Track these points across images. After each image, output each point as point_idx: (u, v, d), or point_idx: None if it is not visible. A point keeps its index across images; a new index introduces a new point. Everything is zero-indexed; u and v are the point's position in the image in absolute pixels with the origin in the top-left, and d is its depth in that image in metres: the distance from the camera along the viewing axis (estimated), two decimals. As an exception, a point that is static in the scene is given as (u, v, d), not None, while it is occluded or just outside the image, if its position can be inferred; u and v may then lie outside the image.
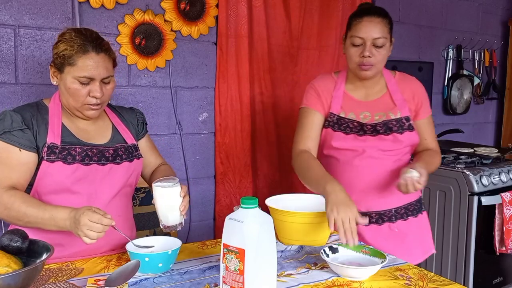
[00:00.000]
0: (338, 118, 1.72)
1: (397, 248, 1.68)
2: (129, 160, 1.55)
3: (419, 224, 1.80)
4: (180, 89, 2.37)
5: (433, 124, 1.83)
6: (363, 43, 1.64)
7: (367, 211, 1.71)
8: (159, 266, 1.30)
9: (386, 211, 1.73)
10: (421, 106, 1.76)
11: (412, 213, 1.77)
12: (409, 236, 1.75)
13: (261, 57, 2.54)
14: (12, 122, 1.39)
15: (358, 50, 1.65)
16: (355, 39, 1.65)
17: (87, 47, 1.40)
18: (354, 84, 1.77)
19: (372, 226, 1.72)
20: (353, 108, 1.73)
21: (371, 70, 1.67)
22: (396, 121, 1.70)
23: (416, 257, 1.74)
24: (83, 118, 1.50)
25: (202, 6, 2.33)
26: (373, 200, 1.71)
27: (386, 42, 1.65)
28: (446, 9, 3.38)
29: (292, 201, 1.64)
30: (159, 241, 1.42)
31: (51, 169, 1.40)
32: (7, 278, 0.98)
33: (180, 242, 1.39)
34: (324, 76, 1.83)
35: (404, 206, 1.76)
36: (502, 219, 2.51)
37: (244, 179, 2.55)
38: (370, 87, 1.76)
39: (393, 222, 1.73)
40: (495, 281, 2.71)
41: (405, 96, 1.75)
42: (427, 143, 1.79)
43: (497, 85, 3.78)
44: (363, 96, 1.76)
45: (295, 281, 1.27)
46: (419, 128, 1.77)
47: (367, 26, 1.63)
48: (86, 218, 1.26)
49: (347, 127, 1.70)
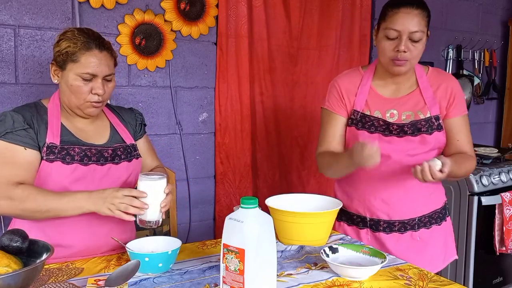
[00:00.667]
0: (362, 115, 1.63)
1: (418, 256, 1.62)
2: (128, 160, 1.55)
3: (442, 232, 1.71)
4: (180, 89, 2.37)
5: (468, 125, 1.66)
6: (398, 36, 1.51)
7: (390, 219, 1.64)
8: (159, 266, 1.30)
9: (410, 220, 1.64)
10: (453, 103, 1.62)
11: (436, 221, 1.69)
12: (431, 244, 1.67)
13: (261, 57, 2.54)
14: (14, 122, 1.39)
15: (393, 44, 1.53)
16: (390, 31, 1.52)
17: (90, 45, 1.41)
18: (383, 79, 1.65)
19: (395, 235, 1.65)
20: (379, 105, 1.63)
21: (405, 66, 1.55)
22: (425, 121, 1.59)
23: (437, 265, 1.67)
24: (83, 116, 1.50)
25: (202, 6, 2.33)
26: (396, 208, 1.63)
27: (423, 36, 1.53)
28: (446, 9, 3.38)
29: (292, 201, 1.64)
30: (159, 241, 1.42)
31: (50, 169, 1.40)
32: (7, 278, 0.98)
33: (180, 242, 1.39)
34: (350, 72, 1.72)
35: (429, 215, 1.67)
36: (502, 219, 2.51)
37: (244, 179, 2.55)
38: (401, 83, 1.64)
39: (415, 230, 1.65)
40: (495, 281, 2.71)
41: (437, 93, 1.62)
42: (460, 144, 1.62)
43: (497, 85, 3.78)
44: (391, 92, 1.65)
45: (295, 281, 1.27)
46: (451, 128, 1.62)
47: (404, 18, 1.50)
48: (120, 192, 1.33)
49: (371, 126, 1.61)
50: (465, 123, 1.65)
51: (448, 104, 1.62)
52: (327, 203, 1.61)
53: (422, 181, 1.43)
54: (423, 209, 1.66)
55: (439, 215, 1.70)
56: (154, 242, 1.41)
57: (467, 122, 1.66)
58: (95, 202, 1.34)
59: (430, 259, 1.65)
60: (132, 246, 1.35)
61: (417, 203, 1.64)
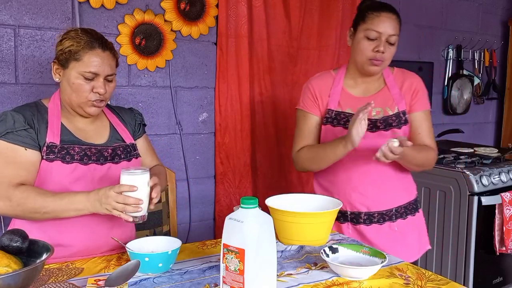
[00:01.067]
0: (337, 113, 1.73)
1: (397, 247, 1.71)
2: (128, 159, 1.55)
3: (417, 222, 1.82)
4: (180, 89, 2.37)
5: (430, 120, 1.78)
6: (378, 38, 1.63)
7: (369, 211, 1.73)
8: (159, 266, 1.30)
9: (387, 210, 1.74)
10: (416, 97, 1.74)
11: (411, 212, 1.79)
12: (408, 234, 1.77)
13: (261, 57, 2.54)
14: (14, 122, 1.40)
15: (373, 44, 1.64)
16: (371, 32, 1.63)
17: (93, 44, 1.42)
18: (353, 79, 1.77)
19: (374, 226, 1.74)
20: (350, 104, 1.73)
21: (380, 66, 1.67)
22: (395, 116, 1.71)
23: (413, 255, 1.77)
24: (83, 115, 1.50)
25: (202, 6, 2.33)
26: (375, 199, 1.73)
27: (397, 40, 1.67)
28: (446, 9, 3.38)
29: (292, 201, 1.64)
30: (159, 241, 1.42)
31: (50, 168, 1.41)
32: (7, 278, 0.98)
33: (180, 242, 1.39)
34: (322, 75, 1.83)
35: (404, 206, 1.77)
36: (502, 219, 2.51)
37: (244, 179, 2.55)
38: (370, 82, 1.76)
39: (393, 221, 1.75)
40: (495, 281, 2.71)
41: (402, 89, 1.75)
42: (421, 137, 1.74)
43: (497, 85, 3.78)
44: (361, 92, 1.76)
45: (295, 281, 1.27)
46: (413, 122, 1.74)
47: (385, 21, 1.62)
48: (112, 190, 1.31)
49: (347, 121, 1.69)
50: (427, 118, 1.76)
51: (411, 98, 1.74)
52: (327, 203, 1.61)
53: (386, 160, 1.54)
54: (399, 200, 1.76)
55: (413, 206, 1.81)
56: (154, 242, 1.41)
57: (428, 117, 1.78)
58: (93, 204, 1.35)
59: (407, 249, 1.75)
60: (132, 246, 1.35)
61: (393, 194, 1.74)
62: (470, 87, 3.57)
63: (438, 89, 3.45)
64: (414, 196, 1.83)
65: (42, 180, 1.41)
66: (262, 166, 2.62)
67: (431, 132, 1.78)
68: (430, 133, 1.77)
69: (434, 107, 3.42)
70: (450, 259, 2.60)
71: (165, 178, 1.72)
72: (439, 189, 2.63)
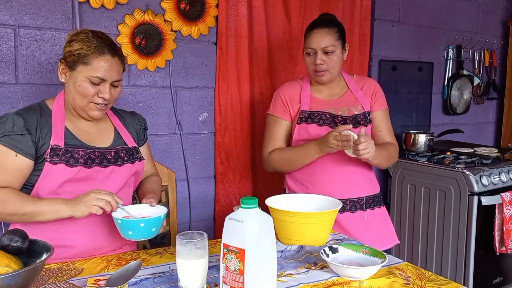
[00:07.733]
0: (310, 112, 1.91)
1: (367, 233, 1.88)
2: (131, 162, 1.55)
3: (383, 216, 2.01)
4: (180, 89, 2.37)
5: (389, 119, 2.00)
6: (315, 53, 1.86)
7: (342, 198, 1.79)
8: (152, 230, 1.36)
9: (358, 199, 1.93)
10: (375, 98, 1.96)
11: (377, 204, 1.99)
12: (376, 224, 1.95)
13: (261, 57, 2.54)
14: (13, 126, 1.39)
15: (312, 59, 1.88)
16: (308, 49, 1.89)
17: (103, 49, 1.42)
18: (317, 86, 1.98)
19: (347, 214, 1.91)
20: (319, 106, 1.93)
21: (325, 75, 1.89)
22: (362, 115, 1.92)
23: (382, 245, 1.93)
24: (86, 118, 1.50)
25: (202, 6, 2.33)
26: (347, 185, 1.90)
27: (336, 49, 1.86)
28: (446, 9, 3.38)
29: (292, 201, 1.64)
30: (140, 209, 1.46)
31: (53, 171, 1.40)
32: (7, 278, 0.98)
33: (166, 208, 1.43)
34: (291, 83, 2.04)
35: (372, 197, 1.97)
36: (502, 219, 2.51)
37: (244, 179, 2.55)
38: (332, 87, 1.97)
39: (364, 210, 1.93)
40: (495, 281, 2.71)
41: (363, 91, 1.96)
42: (382, 135, 1.96)
43: (497, 85, 3.78)
44: (326, 96, 1.97)
45: (295, 281, 1.27)
46: (375, 121, 1.95)
47: (316, 37, 1.86)
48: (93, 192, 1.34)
49: (320, 119, 1.90)
50: (386, 117, 1.99)
51: (371, 99, 1.96)
52: (327, 203, 1.61)
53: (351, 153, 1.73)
54: (368, 190, 1.96)
55: (379, 199, 2.02)
56: (137, 210, 1.45)
57: (387, 116, 2.00)
58: (70, 206, 1.35)
59: (376, 237, 1.91)
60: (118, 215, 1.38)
61: (362, 185, 1.94)
62: (470, 87, 3.57)
63: (438, 89, 3.45)
64: (378, 190, 2.02)
65: (44, 181, 1.41)
66: (262, 166, 2.61)
67: (391, 130, 2.00)
68: (390, 131, 1.99)
69: (434, 107, 3.43)
70: (450, 259, 2.60)
71: (160, 187, 1.75)
72: (439, 189, 2.63)
